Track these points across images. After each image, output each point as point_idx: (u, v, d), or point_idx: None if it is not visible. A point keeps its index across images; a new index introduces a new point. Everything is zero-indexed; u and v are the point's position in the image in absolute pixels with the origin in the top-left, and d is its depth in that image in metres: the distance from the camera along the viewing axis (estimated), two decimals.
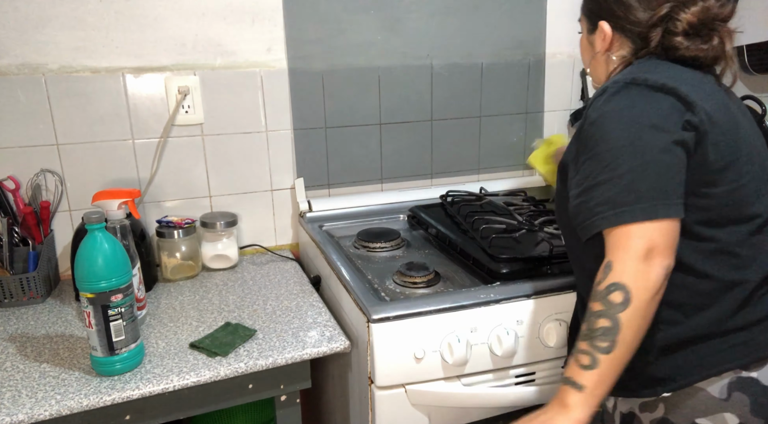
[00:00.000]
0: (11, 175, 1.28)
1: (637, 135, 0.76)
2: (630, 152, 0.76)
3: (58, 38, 1.27)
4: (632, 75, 0.81)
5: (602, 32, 0.90)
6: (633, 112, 0.77)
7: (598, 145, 0.79)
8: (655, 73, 0.81)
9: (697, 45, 0.83)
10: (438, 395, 1.01)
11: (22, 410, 0.86)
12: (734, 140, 0.80)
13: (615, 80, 0.81)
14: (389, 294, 1.08)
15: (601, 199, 0.77)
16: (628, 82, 0.80)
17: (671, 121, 0.77)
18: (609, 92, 0.80)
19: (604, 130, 0.78)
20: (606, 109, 0.79)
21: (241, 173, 1.47)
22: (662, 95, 0.78)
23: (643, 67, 0.84)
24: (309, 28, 1.45)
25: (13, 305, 1.22)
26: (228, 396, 1.01)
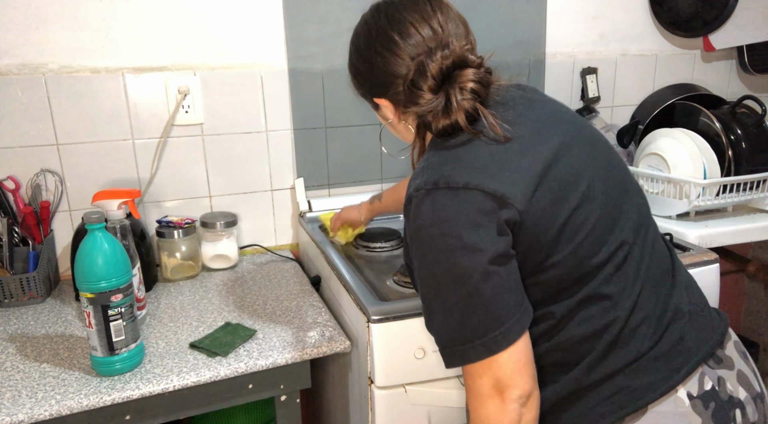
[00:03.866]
0: (11, 175, 1.28)
1: (452, 262, 0.70)
2: (450, 282, 0.71)
3: (58, 38, 1.27)
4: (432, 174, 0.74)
5: (384, 105, 0.86)
6: (442, 230, 0.71)
7: (421, 267, 0.74)
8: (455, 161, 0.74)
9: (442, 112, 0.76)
10: (438, 395, 1.01)
11: (22, 410, 0.86)
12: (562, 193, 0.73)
13: (417, 186, 0.74)
14: (389, 294, 1.08)
15: (440, 334, 0.73)
16: (430, 189, 0.73)
17: (483, 232, 0.70)
18: (415, 203, 0.74)
19: (421, 253, 0.73)
20: (417, 224, 0.73)
21: (241, 173, 1.47)
22: (467, 196, 0.71)
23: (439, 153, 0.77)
24: (309, 28, 1.45)
25: (13, 305, 1.22)
26: (228, 396, 1.01)
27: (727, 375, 0.78)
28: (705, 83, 1.90)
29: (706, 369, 0.76)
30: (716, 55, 1.91)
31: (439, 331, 0.73)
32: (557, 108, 0.85)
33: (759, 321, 2.15)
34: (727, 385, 0.77)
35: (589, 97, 1.75)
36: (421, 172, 0.76)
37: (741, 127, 1.48)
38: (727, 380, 0.77)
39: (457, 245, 0.70)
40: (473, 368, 0.71)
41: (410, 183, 0.77)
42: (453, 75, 0.77)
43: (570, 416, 0.76)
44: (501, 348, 0.69)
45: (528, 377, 0.71)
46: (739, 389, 0.78)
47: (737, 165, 1.47)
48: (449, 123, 0.76)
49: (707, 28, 1.76)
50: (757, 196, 1.46)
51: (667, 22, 1.79)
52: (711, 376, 0.76)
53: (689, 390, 0.74)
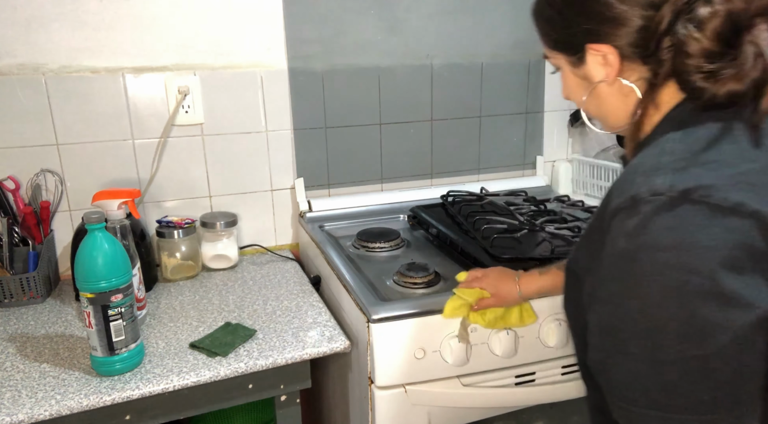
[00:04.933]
0: (11, 175, 1.28)
1: (692, 309, 0.49)
2: (679, 334, 0.50)
3: (58, 38, 1.27)
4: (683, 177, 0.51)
5: (599, 55, 0.62)
6: (685, 262, 0.49)
7: (625, 296, 0.53)
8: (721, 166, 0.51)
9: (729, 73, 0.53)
10: (438, 395, 1.01)
11: (22, 410, 0.86)
12: None
13: (655, 189, 0.51)
14: (389, 294, 1.08)
15: (629, 383, 0.53)
16: (676, 198, 0.50)
17: (748, 278, 0.48)
18: (646, 212, 0.51)
19: (637, 280, 0.51)
20: (642, 242, 0.51)
21: (241, 173, 1.47)
22: (737, 225, 0.48)
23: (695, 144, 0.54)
24: (309, 28, 1.45)
25: (13, 305, 1.22)
26: (228, 396, 1.00)
27: None
28: None
29: None
30: None
31: (630, 383, 0.53)
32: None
33: None
34: None
35: None
36: (664, 167, 0.52)
37: None
38: None
39: (709, 290, 0.48)
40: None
41: (639, 178, 0.53)
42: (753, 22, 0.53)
43: None
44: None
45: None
46: None
47: None
48: (741, 90, 0.53)
49: None
50: None
51: None
52: None
53: None
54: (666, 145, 0.55)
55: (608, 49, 0.61)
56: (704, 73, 0.54)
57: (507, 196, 1.54)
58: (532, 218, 1.32)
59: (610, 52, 0.61)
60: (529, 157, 1.76)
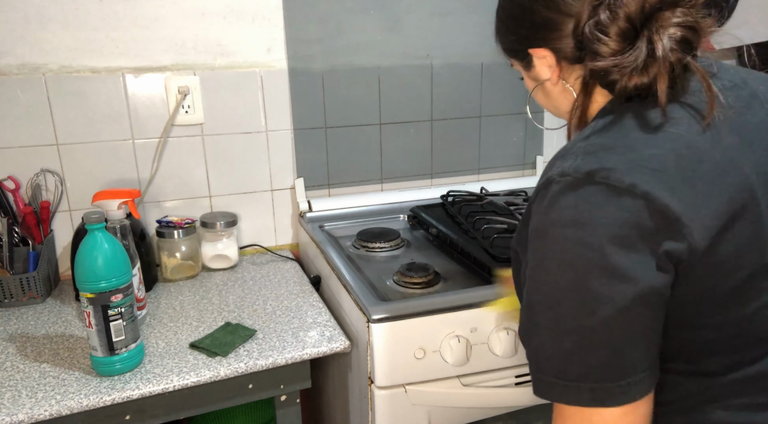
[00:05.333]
0: (11, 175, 1.28)
1: (584, 281, 0.53)
2: (574, 305, 0.54)
3: (58, 38, 1.27)
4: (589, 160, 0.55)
5: (541, 58, 0.67)
6: (582, 237, 0.53)
7: (538, 269, 0.57)
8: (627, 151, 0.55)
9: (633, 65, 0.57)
10: (438, 395, 1.01)
11: (22, 410, 0.86)
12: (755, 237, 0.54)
13: (563, 170, 0.56)
14: (389, 294, 1.08)
15: (539, 356, 0.58)
16: (580, 179, 0.54)
17: (636, 257, 0.52)
18: (554, 191, 0.56)
19: (544, 254, 0.56)
20: (550, 218, 0.56)
21: (241, 173, 1.47)
22: (628, 205, 0.52)
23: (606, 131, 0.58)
24: (309, 28, 1.45)
25: (13, 305, 1.22)
26: (228, 396, 1.00)
27: None
28: None
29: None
30: (716, 55, 1.91)
31: (539, 352, 0.58)
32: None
33: None
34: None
35: None
36: (575, 152, 0.57)
37: None
38: None
39: (598, 264, 0.52)
40: (569, 410, 0.56)
41: (554, 161, 0.59)
42: (654, 16, 0.56)
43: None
44: (613, 403, 0.54)
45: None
46: None
47: None
48: (645, 82, 0.56)
49: None
50: None
51: None
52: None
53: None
54: (585, 132, 0.60)
55: (546, 53, 0.66)
56: (615, 69, 0.58)
57: (507, 196, 1.54)
58: None
59: (548, 55, 0.66)
60: (529, 157, 1.76)
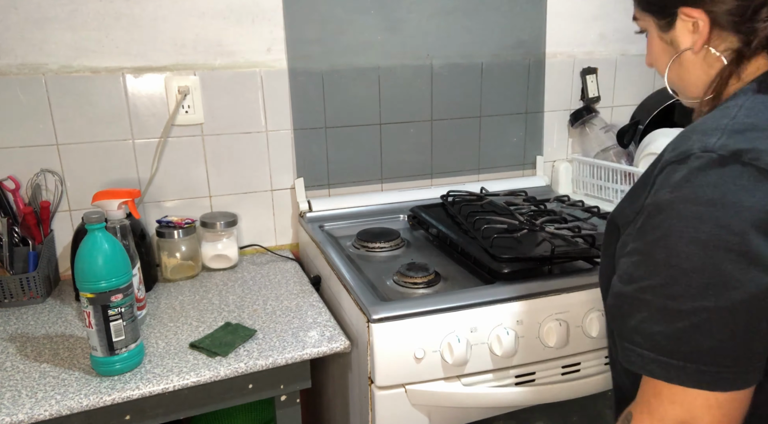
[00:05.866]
0: (11, 175, 1.28)
1: (716, 262, 0.51)
2: (699, 285, 0.52)
3: (58, 38, 1.27)
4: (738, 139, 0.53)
5: (689, 21, 0.62)
6: (719, 218, 0.51)
7: (655, 245, 0.55)
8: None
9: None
10: (438, 395, 1.01)
11: (22, 410, 0.86)
12: None
13: (707, 146, 0.53)
14: (389, 294, 1.08)
15: (642, 329, 0.56)
16: (726, 158, 0.52)
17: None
18: (693, 166, 0.53)
19: (668, 231, 0.54)
20: (683, 194, 0.53)
21: (241, 173, 1.47)
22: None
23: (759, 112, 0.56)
24: (309, 28, 1.45)
25: (13, 305, 1.22)
26: (228, 396, 1.00)
27: None
28: None
29: None
30: None
31: (641, 327, 0.56)
32: None
33: None
34: None
35: (589, 97, 1.75)
36: (722, 129, 0.55)
37: None
38: None
39: (736, 248, 0.51)
40: (669, 389, 0.55)
41: (693, 134, 0.56)
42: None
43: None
44: (719, 388, 0.53)
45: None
46: None
47: None
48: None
49: None
50: None
51: None
52: None
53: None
54: (731, 110, 0.57)
55: (700, 15, 0.61)
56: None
57: (507, 196, 1.54)
58: (532, 217, 1.32)
59: (702, 18, 0.61)
60: (529, 157, 1.76)
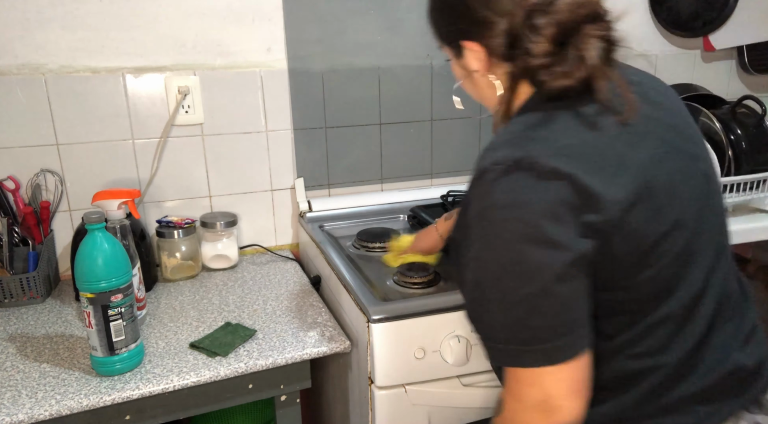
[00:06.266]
0: (11, 175, 1.28)
1: (525, 254, 0.61)
2: (518, 276, 0.61)
3: (58, 38, 1.27)
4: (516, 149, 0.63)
5: (472, 51, 0.73)
6: (518, 215, 0.61)
7: (483, 250, 0.64)
8: (547, 141, 0.63)
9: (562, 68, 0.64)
10: (438, 395, 1.01)
11: (22, 410, 0.86)
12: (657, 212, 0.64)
13: (495, 160, 0.63)
14: (389, 294, 1.08)
15: (492, 328, 0.65)
16: (510, 166, 0.62)
17: (566, 228, 0.60)
18: (489, 179, 0.63)
19: (487, 235, 0.63)
20: (487, 202, 0.63)
21: (241, 173, 1.47)
22: (554, 186, 0.61)
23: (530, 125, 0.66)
24: (309, 28, 1.45)
25: (13, 305, 1.22)
26: (228, 396, 1.00)
27: (765, 421, 0.73)
28: (705, 83, 1.90)
29: (744, 414, 0.72)
30: (716, 55, 1.91)
31: (490, 324, 0.65)
32: (671, 107, 0.74)
33: None
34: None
35: None
36: (503, 144, 0.65)
37: (741, 127, 1.48)
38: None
39: (535, 236, 0.60)
40: (523, 373, 0.63)
41: (486, 153, 0.66)
42: (582, 27, 0.64)
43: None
44: (562, 359, 0.61)
45: (582, 400, 0.63)
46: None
47: (737, 165, 1.47)
48: (571, 84, 0.64)
49: (707, 28, 1.76)
50: (757, 196, 1.46)
51: (667, 22, 1.79)
52: (748, 420, 0.72)
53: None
54: (512, 126, 0.68)
55: (477, 47, 0.72)
56: (544, 70, 0.65)
57: None
58: None
59: (478, 49, 0.72)
60: None
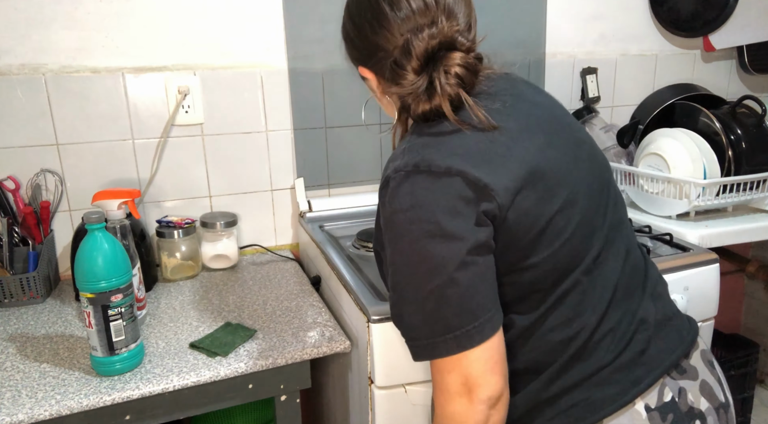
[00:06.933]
0: (11, 175, 1.28)
1: (428, 249, 0.67)
2: (425, 271, 0.67)
3: (58, 38, 1.27)
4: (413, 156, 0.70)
5: (367, 77, 0.82)
6: (419, 215, 0.67)
7: (394, 253, 0.70)
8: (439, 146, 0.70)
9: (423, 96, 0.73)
10: None
11: (22, 410, 0.86)
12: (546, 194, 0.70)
13: (396, 168, 0.71)
14: None
15: (410, 326, 0.70)
16: (410, 171, 0.69)
17: (462, 220, 0.67)
18: (392, 185, 0.70)
19: (396, 238, 0.70)
20: (393, 207, 0.70)
21: (241, 173, 1.47)
22: (448, 182, 0.67)
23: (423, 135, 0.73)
24: (309, 28, 1.45)
25: (13, 305, 1.22)
26: (228, 396, 1.00)
27: (689, 386, 0.76)
28: (705, 83, 1.90)
29: (668, 380, 0.75)
30: (716, 55, 1.91)
31: (409, 323, 0.70)
32: (546, 103, 0.81)
33: (759, 321, 2.15)
34: (689, 396, 0.76)
35: (589, 97, 1.75)
36: (402, 153, 0.73)
37: (741, 127, 1.48)
38: (689, 390, 0.76)
39: (435, 232, 0.67)
40: (442, 363, 0.68)
41: (388, 164, 0.74)
42: (438, 56, 0.72)
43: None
44: (473, 344, 0.67)
45: (499, 376, 0.68)
46: (701, 400, 0.76)
47: (737, 165, 1.47)
48: (430, 108, 0.72)
49: (707, 28, 1.76)
50: (757, 196, 1.46)
51: (667, 22, 1.79)
52: (672, 387, 0.75)
53: (648, 402, 0.73)
54: (407, 137, 0.76)
55: (370, 74, 0.81)
56: (410, 96, 0.73)
57: None
58: None
59: (371, 76, 0.81)
60: None
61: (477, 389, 0.67)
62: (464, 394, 0.67)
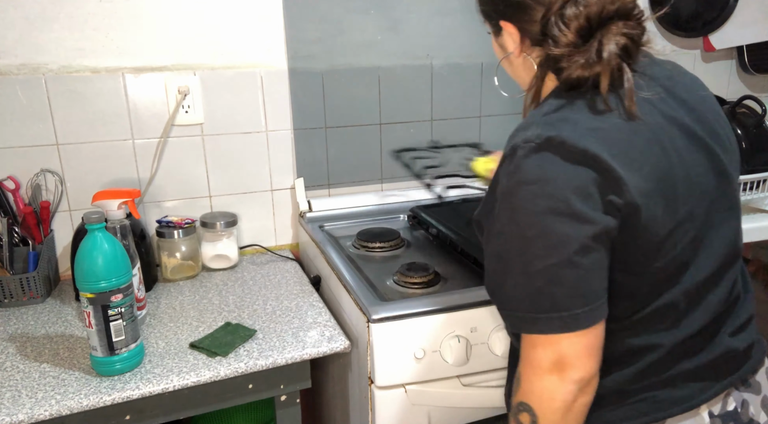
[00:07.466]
0: (11, 175, 1.28)
1: (551, 226, 0.64)
2: (543, 247, 0.65)
3: (58, 38, 1.27)
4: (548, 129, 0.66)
5: (509, 32, 0.77)
6: (547, 191, 0.64)
7: (509, 224, 0.67)
8: (576, 123, 0.66)
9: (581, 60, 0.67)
10: (438, 395, 1.01)
11: (22, 410, 0.86)
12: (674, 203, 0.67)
13: (527, 138, 0.67)
14: (389, 294, 1.08)
15: (512, 296, 0.68)
16: (541, 144, 0.66)
17: (593, 204, 0.64)
18: (519, 155, 0.67)
19: (514, 209, 0.66)
20: (516, 179, 0.66)
21: (241, 173, 1.47)
22: (582, 168, 0.64)
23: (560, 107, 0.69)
24: (309, 28, 1.45)
25: (13, 305, 1.22)
26: (228, 396, 1.01)
27: (752, 399, 0.77)
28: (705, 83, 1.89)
29: (733, 391, 0.76)
30: (716, 55, 1.91)
31: (510, 294, 0.68)
32: (697, 104, 0.76)
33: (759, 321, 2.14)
34: (750, 408, 0.76)
35: None
36: (535, 123, 0.68)
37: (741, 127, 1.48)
38: (751, 403, 0.77)
39: (562, 210, 0.63)
40: (537, 338, 0.67)
41: (517, 132, 0.69)
42: (609, 23, 0.67)
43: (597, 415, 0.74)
44: (579, 327, 0.65)
45: (594, 361, 0.67)
46: (761, 414, 0.77)
47: None
48: (587, 76, 0.67)
49: (707, 28, 1.76)
50: (757, 196, 1.46)
51: (667, 22, 1.79)
52: (736, 398, 0.76)
53: (711, 409, 0.74)
54: (543, 108, 0.71)
55: (513, 30, 0.75)
56: (565, 59, 0.68)
57: None
58: None
59: (514, 32, 0.76)
60: None
61: (570, 369, 0.66)
62: (555, 372, 0.66)
